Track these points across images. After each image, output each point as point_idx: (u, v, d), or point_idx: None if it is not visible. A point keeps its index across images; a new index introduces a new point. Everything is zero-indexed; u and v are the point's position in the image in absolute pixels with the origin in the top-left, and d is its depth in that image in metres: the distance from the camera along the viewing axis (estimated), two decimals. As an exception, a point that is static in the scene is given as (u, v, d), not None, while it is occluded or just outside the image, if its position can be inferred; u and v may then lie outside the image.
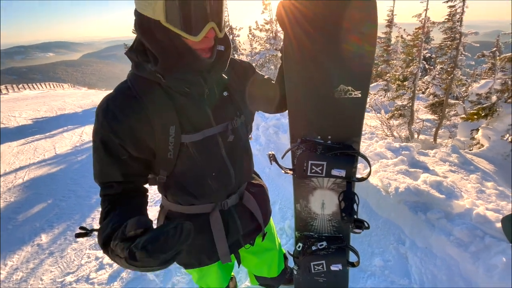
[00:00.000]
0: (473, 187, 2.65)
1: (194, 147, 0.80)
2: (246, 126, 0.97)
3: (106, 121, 0.73)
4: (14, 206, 3.69)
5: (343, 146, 1.08)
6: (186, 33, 0.65)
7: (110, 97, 0.75)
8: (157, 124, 0.74)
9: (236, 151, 0.91)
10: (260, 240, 1.13)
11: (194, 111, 0.79)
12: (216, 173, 0.87)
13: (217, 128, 0.83)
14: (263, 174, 3.71)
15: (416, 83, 7.07)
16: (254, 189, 1.08)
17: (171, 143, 0.76)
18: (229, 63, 0.89)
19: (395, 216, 2.10)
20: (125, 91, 0.75)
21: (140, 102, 0.73)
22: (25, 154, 6.05)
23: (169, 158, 0.78)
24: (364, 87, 0.98)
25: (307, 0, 0.88)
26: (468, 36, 6.35)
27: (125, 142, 0.75)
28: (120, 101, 0.74)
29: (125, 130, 0.73)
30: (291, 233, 2.48)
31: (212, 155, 0.85)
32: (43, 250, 2.75)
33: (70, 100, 16.15)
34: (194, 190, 0.88)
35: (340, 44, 0.93)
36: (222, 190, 0.91)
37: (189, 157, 0.81)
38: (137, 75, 0.75)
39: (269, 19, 10.25)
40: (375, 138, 4.34)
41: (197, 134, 0.79)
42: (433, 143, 7.37)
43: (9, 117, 10.86)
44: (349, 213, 1.05)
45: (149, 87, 0.74)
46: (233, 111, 0.88)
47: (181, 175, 0.84)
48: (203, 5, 0.64)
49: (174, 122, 0.75)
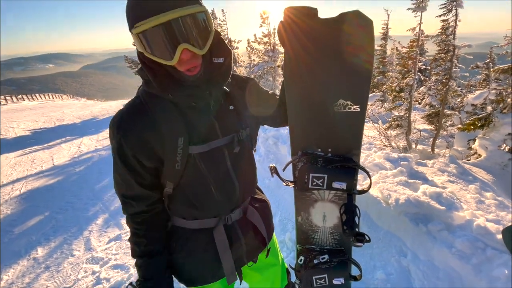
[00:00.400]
0: (472, 197, 2.66)
1: (201, 158, 0.82)
2: (251, 139, 0.98)
3: (120, 134, 0.77)
4: (10, 219, 3.63)
5: (343, 158, 1.09)
6: (163, 59, 0.68)
7: (123, 112, 0.79)
8: (166, 135, 0.77)
9: (241, 163, 0.92)
10: (264, 256, 1.12)
11: (201, 123, 0.82)
12: (220, 184, 0.88)
13: (223, 140, 0.85)
14: (263, 184, 3.71)
15: (412, 94, 7.18)
16: (257, 203, 1.08)
17: (179, 154, 0.79)
18: (234, 80, 0.93)
19: (396, 228, 2.10)
20: (137, 106, 0.79)
21: (151, 116, 0.77)
22: (23, 165, 6.01)
23: (176, 169, 0.80)
24: (363, 101, 1.01)
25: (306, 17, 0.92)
26: (461, 48, 6.52)
27: (138, 153, 0.78)
28: (132, 115, 0.78)
29: (138, 142, 0.77)
30: (292, 246, 2.46)
31: (217, 167, 0.87)
32: (39, 264, 2.70)
33: (69, 111, 16.20)
34: (199, 202, 0.88)
35: (339, 60, 0.96)
36: (226, 202, 0.92)
37: (195, 168, 0.83)
38: (147, 91, 0.80)
39: (267, 32, 10.48)
40: (373, 149, 4.36)
41: (204, 146, 0.82)
42: (431, 153, 7.42)
43: (7, 128, 10.84)
44: (351, 226, 1.04)
45: (159, 102, 0.78)
46: (238, 123, 0.91)
47: (186, 187, 0.86)
48: (170, 31, 0.65)
49: (182, 133, 0.78)
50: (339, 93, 1.00)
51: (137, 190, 0.83)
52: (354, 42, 0.93)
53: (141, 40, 0.67)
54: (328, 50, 0.95)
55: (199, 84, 0.76)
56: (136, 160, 0.79)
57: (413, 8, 6.54)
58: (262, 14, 11.02)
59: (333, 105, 1.01)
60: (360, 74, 0.97)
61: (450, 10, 6.67)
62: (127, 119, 0.77)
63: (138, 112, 0.78)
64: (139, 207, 0.85)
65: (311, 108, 1.05)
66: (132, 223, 0.88)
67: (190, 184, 0.85)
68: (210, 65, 0.78)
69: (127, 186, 0.83)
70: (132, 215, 0.87)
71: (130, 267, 2.51)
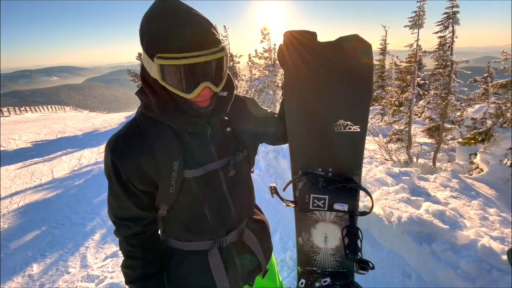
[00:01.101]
0: (476, 213, 2.61)
1: (196, 182, 0.81)
2: (248, 160, 0.97)
3: (114, 156, 0.76)
4: (7, 233, 3.58)
5: (344, 179, 1.07)
6: (181, 92, 0.70)
7: (119, 134, 0.79)
8: (161, 159, 0.77)
9: (237, 186, 0.91)
10: (260, 278, 1.08)
11: (197, 148, 0.81)
12: (216, 208, 0.87)
13: (218, 163, 0.84)
14: (263, 200, 3.66)
15: (412, 108, 7.23)
16: (254, 225, 1.05)
17: (174, 178, 0.78)
18: (234, 101, 0.92)
19: (399, 247, 2.05)
20: (134, 129, 0.79)
21: (146, 139, 0.77)
22: (22, 178, 5.98)
23: (171, 193, 0.79)
24: (363, 121, 1.01)
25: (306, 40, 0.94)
26: (459, 63, 6.62)
27: (131, 177, 0.78)
28: (128, 137, 0.78)
29: (131, 165, 0.77)
30: (293, 265, 2.39)
31: (213, 190, 0.86)
32: (34, 281, 2.63)
33: (71, 123, 16.32)
34: (193, 225, 0.87)
35: (339, 81, 0.97)
36: (221, 226, 0.90)
37: (190, 192, 0.82)
38: (145, 114, 0.79)
39: (267, 47, 10.71)
40: (374, 163, 4.34)
41: (199, 170, 0.81)
42: (433, 167, 7.38)
43: (8, 139, 10.88)
44: (354, 250, 1.01)
45: (156, 126, 0.78)
46: (235, 146, 0.90)
47: (181, 210, 0.85)
48: (195, 69, 0.68)
49: (177, 157, 0.77)
50: (339, 114, 1.00)
51: (134, 211, 0.82)
52: (353, 65, 0.94)
53: (165, 71, 0.67)
54: (328, 72, 0.97)
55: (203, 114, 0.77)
56: (130, 183, 0.79)
57: (410, 25, 6.70)
58: (263, 30, 11.31)
59: (333, 125, 1.02)
60: (360, 95, 0.98)
61: (447, 27, 6.84)
62: (123, 143, 0.77)
63: (134, 135, 0.78)
64: (135, 228, 0.84)
65: (311, 128, 1.05)
66: (127, 246, 0.86)
67: (184, 208, 0.84)
68: (216, 97, 0.80)
69: (123, 208, 0.82)
70: (127, 237, 0.85)
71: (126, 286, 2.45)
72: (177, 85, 0.69)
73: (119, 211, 0.83)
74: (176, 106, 0.75)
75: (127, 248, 0.86)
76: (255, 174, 4.33)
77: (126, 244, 0.86)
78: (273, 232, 2.94)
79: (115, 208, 0.83)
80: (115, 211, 0.84)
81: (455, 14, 6.59)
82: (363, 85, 0.95)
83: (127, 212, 0.83)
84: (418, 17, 6.49)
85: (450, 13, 6.69)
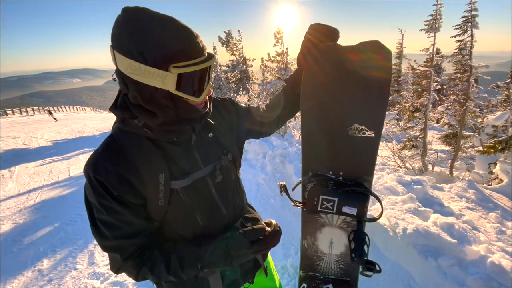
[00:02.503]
0: (492, 227, 2.47)
1: (185, 192, 0.80)
2: (234, 163, 0.97)
3: (99, 176, 0.71)
4: (21, 229, 3.75)
5: (355, 183, 1.06)
6: (193, 97, 0.72)
7: (97, 153, 0.75)
8: (146, 174, 0.74)
9: (226, 189, 0.91)
10: (262, 276, 1.07)
11: (182, 158, 0.81)
12: (208, 214, 0.87)
13: (204, 170, 0.84)
14: (268, 205, 3.64)
15: (427, 114, 6.97)
16: (249, 223, 1.04)
17: (161, 190, 0.76)
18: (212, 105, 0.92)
19: (404, 260, 1.97)
20: (112, 145, 0.75)
21: (127, 154, 0.74)
22: (40, 175, 6.27)
23: (160, 205, 0.78)
24: (378, 127, 0.99)
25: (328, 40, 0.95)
26: (478, 68, 6.33)
27: (122, 192, 0.73)
28: (108, 155, 0.74)
29: (119, 180, 0.72)
30: (294, 273, 2.35)
31: (203, 197, 0.85)
32: (43, 276, 2.73)
33: (90, 123, 16.97)
34: (187, 233, 0.87)
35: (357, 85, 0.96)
36: (215, 230, 0.90)
37: (180, 202, 0.81)
38: (123, 129, 0.77)
39: (280, 51, 10.69)
40: (386, 170, 4.20)
41: (187, 179, 0.80)
42: (449, 176, 7.07)
43: (31, 138, 11.45)
44: (360, 254, 1.00)
45: (136, 140, 0.76)
46: (219, 150, 0.90)
47: (173, 220, 0.84)
48: (205, 73, 0.73)
49: (163, 170, 0.76)
50: (355, 118, 1.00)
51: (137, 221, 0.77)
52: (372, 70, 0.94)
53: (180, 79, 0.67)
54: (346, 76, 0.96)
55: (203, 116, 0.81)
56: (123, 198, 0.74)
57: (426, 29, 6.48)
58: (276, 33, 11.31)
59: (347, 129, 1.01)
60: (377, 101, 0.96)
61: (465, 31, 6.56)
62: (105, 161, 0.73)
63: (114, 152, 0.74)
64: (141, 241, 0.78)
65: (325, 130, 1.05)
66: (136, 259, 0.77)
67: (176, 218, 0.83)
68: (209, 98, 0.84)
69: (124, 224, 0.75)
70: (132, 255, 0.77)
71: (129, 284, 2.50)
72: (190, 91, 0.71)
73: (120, 230, 0.75)
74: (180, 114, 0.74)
75: (137, 261, 0.77)
76: (261, 179, 4.31)
77: (133, 261, 0.77)
78: (276, 238, 2.91)
79: (114, 228, 0.74)
80: (115, 230, 0.74)
81: (474, 17, 6.32)
82: (381, 91, 0.95)
83: (129, 227, 0.76)
84: (435, 20, 6.26)
85: (469, 16, 6.42)
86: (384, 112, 0.97)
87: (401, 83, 13.66)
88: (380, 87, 0.94)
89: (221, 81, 15.70)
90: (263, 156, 4.88)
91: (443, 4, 6.28)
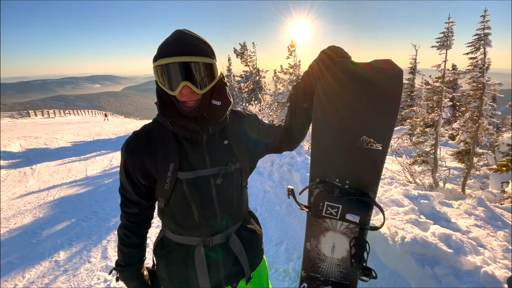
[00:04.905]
0: (499, 245, 2.46)
1: (187, 183, 0.92)
2: (241, 173, 1.03)
3: (126, 154, 0.95)
4: (41, 222, 3.99)
5: (360, 192, 1.10)
6: (168, 89, 0.85)
7: (135, 134, 0.97)
8: (161, 159, 0.92)
9: (226, 194, 0.98)
10: (244, 283, 1.12)
11: (193, 154, 0.94)
12: (202, 208, 0.97)
13: (210, 170, 0.94)
14: (273, 211, 3.73)
15: (438, 130, 6.92)
16: (245, 232, 1.10)
17: (169, 177, 0.92)
18: (236, 116, 1.05)
19: (402, 268, 2.03)
20: (146, 132, 0.96)
21: (154, 141, 0.94)
22: (60, 173, 6.61)
23: (165, 189, 0.93)
24: (386, 140, 1.03)
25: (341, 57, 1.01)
26: (491, 86, 6.28)
27: (135, 172, 0.96)
28: (140, 138, 0.95)
29: (137, 162, 0.94)
30: (295, 276, 2.43)
31: (202, 193, 0.94)
32: (59, 267, 2.91)
33: (107, 127, 17.64)
34: (182, 221, 0.99)
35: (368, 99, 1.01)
36: (206, 227, 0.99)
37: (181, 191, 0.93)
38: (157, 120, 0.96)
39: (293, 63, 10.95)
40: (394, 184, 4.18)
41: (191, 173, 0.92)
42: (461, 194, 6.92)
43: (52, 138, 12.05)
44: (359, 260, 1.06)
45: (164, 131, 0.94)
46: (229, 157, 0.99)
47: (173, 206, 0.98)
48: (177, 70, 0.82)
49: (174, 160, 0.91)
50: (364, 130, 1.04)
51: (134, 197, 1.00)
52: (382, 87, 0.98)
53: (158, 72, 0.85)
54: (358, 89, 1.01)
55: (192, 116, 0.90)
56: (134, 176, 0.97)
57: (437, 46, 6.53)
58: (290, 46, 11.61)
59: (356, 140, 1.05)
60: (386, 116, 1.00)
61: (478, 49, 6.56)
62: (134, 143, 0.95)
63: (144, 137, 0.95)
64: (133, 210, 1.03)
65: (335, 139, 1.09)
66: (126, 220, 1.05)
67: (176, 204, 0.97)
68: (208, 105, 0.91)
69: (126, 192, 1.01)
70: (127, 214, 1.04)
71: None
72: (164, 83, 0.85)
73: (124, 192, 1.03)
74: (174, 108, 0.90)
75: (125, 222, 1.05)
76: (267, 186, 4.42)
77: (125, 218, 1.05)
78: (279, 242, 3.01)
79: (122, 189, 1.03)
80: (122, 191, 1.03)
81: (486, 36, 6.33)
82: (390, 107, 0.99)
83: (128, 195, 1.01)
84: (446, 38, 6.32)
85: (482, 34, 6.44)
86: (393, 127, 1.01)
87: (414, 98, 13.56)
88: (390, 103, 0.98)
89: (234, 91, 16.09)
90: (270, 164, 5.00)
91: (455, 22, 6.34)
